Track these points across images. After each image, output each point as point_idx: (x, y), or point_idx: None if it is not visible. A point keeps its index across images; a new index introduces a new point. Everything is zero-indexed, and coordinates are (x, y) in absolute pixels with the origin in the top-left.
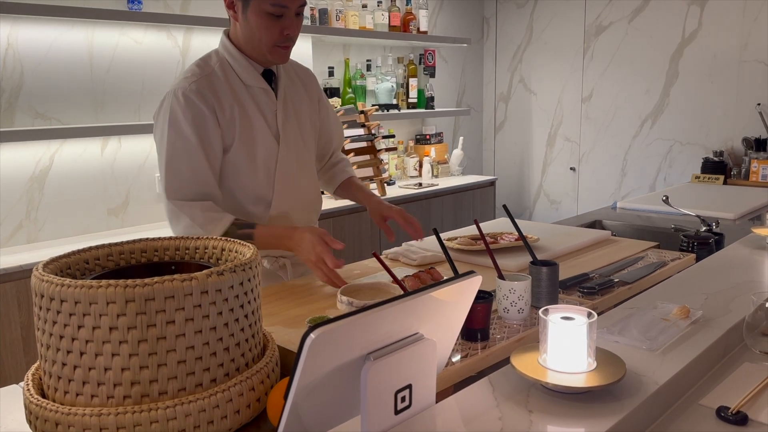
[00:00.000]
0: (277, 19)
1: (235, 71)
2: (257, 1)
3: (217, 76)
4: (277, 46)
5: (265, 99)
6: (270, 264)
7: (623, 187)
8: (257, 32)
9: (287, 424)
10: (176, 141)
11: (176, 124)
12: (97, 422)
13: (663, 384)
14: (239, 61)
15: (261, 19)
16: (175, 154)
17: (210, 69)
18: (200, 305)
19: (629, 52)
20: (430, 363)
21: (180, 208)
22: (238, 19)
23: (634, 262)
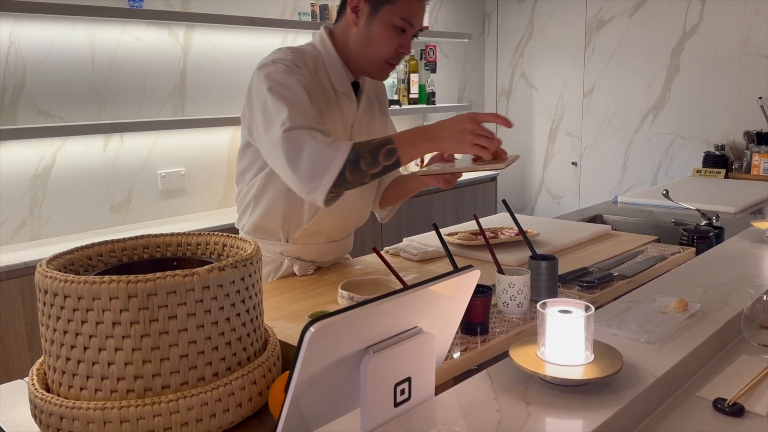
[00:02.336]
0: (399, 34)
1: (327, 72)
2: (388, 12)
3: (307, 68)
4: (388, 62)
5: (349, 107)
6: (300, 271)
7: (625, 181)
8: (376, 43)
9: (288, 417)
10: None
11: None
12: (101, 416)
13: (660, 376)
14: (335, 63)
15: (385, 31)
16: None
17: (302, 60)
18: (202, 300)
19: (630, 46)
20: (429, 356)
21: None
22: (357, 24)
23: (634, 256)
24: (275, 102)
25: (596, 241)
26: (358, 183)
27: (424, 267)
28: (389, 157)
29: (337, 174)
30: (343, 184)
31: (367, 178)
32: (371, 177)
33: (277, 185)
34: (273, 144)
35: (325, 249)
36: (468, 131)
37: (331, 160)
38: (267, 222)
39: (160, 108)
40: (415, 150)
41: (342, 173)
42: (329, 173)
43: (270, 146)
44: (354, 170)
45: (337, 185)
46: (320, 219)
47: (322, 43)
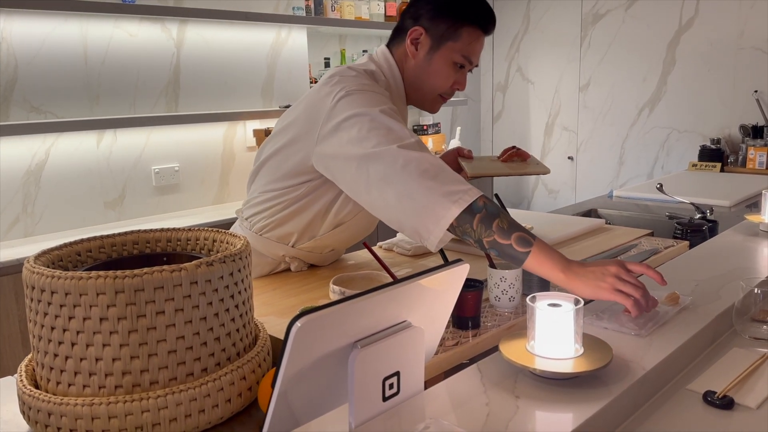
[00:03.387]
0: (458, 70)
1: (394, 101)
2: (450, 49)
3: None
4: (441, 96)
5: None
6: (296, 268)
7: (621, 175)
8: (433, 77)
9: (275, 411)
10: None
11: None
12: (89, 412)
13: (650, 369)
14: (401, 93)
15: (444, 67)
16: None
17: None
18: (190, 296)
19: (626, 40)
20: (418, 351)
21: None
22: (416, 57)
23: (627, 250)
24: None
25: (590, 235)
26: (476, 237)
27: (418, 261)
28: (522, 245)
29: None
30: (465, 226)
31: (488, 243)
32: (491, 244)
33: (313, 202)
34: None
35: (326, 257)
36: (611, 274)
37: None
38: (286, 228)
39: (153, 104)
40: (546, 263)
41: (473, 214)
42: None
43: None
44: (485, 221)
45: (460, 221)
46: (335, 233)
47: (390, 69)
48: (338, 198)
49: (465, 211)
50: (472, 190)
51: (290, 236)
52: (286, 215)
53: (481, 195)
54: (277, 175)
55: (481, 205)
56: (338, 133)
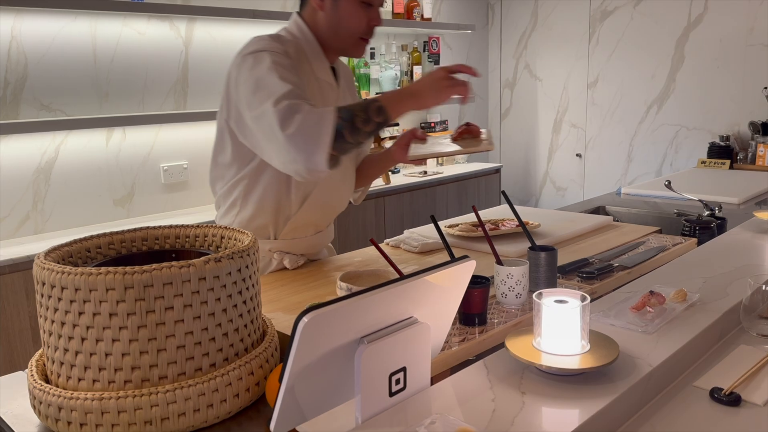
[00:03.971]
0: (367, 8)
1: (308, 60)
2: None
3: (290, 57)
4: (361, 38)
5: (331, 95)
6: (291, 264)
7: (629, 173)
8: (346, 21)
9: (283, 406)
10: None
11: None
12: (99, 406)
13: (657, 366)
14: (316, 50)
15: (353, 8)
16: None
17: (285, 48)
18: (198, 291)
19: (635, 37)
20: (425, 346)
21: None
22: (323, 7)
23: (635, 247)
24: (268, 80)
25: (597, 232)
26: (356, 143)
27: (425, 259)
28: (380, 114)
29: (332, 133)
30: (344, 145)
31: (363, 137)
32: (367, 135)
33: (267, 178)
34: (264, 117)
35: (313, 241)
36: (442, 78)
37: (325, 120)
38: (257, 219)
39: (162, 101)
40: (400, 106)
41: (340, 133)
42: (326, 133)
43: (260, 122)
44: (351, 129)
45: (337, 147)
46: (308, 208)
47: (299, 30)
48: None
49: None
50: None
51: (267, 227)
52: (253, 208)
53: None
54: (223, 169)
55: (340, 123)
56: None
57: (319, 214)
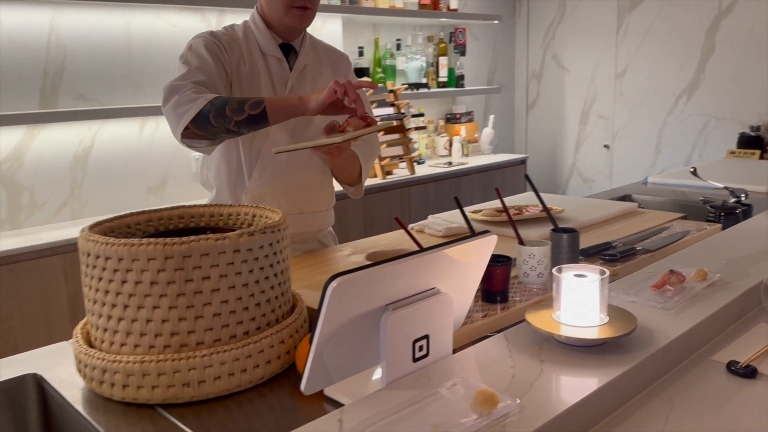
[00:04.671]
0: None
1: (256, 39)
2: None
3: (238, 40)
4: (293, 8)
5: (278, 69)
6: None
7: (658, 164)
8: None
9: (312, 368)
10: (190, 55)
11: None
12: (140, 369)
13: (674, 339)
14: (261, 29)
15: None
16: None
17: (233, 34)
18: (233, 263)
19: (664, 27)
20: (447, 316)
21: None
22: None
23: (659, 232)
24: (179, 65)
25: (622, 218)
26: (223, 128)
27: None
28: (255, 107)
29: (197, 112)
30: (208, 127)
31: (233, 125)
32: (237, 124)
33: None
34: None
35: (300, 220)
36: (331, 84)
37: (194, 101)
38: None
39: None
40: (283, 108)
41: (206, 115)
42: (190, 111)
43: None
44: (218, 114)
45: (200, 127)
46: (261, 184)
47: (251, 17)
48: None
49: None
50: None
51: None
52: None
53: (208, 100)
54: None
55: (209, 107)
56: None
57: (281, 194)
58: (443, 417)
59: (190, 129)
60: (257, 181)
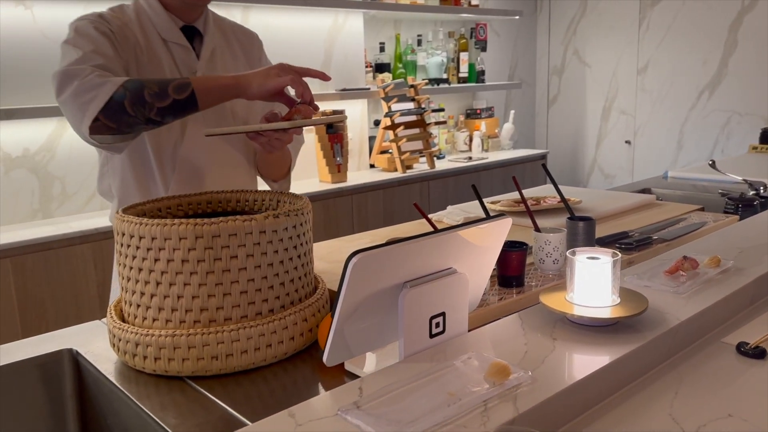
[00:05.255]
0: None
1: (152, 22)
2: None
3: (131, 24)
4: None
5: (184, 57)
6: None
7: (680, 159)
8: None
9: (333, 341)
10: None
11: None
12: (171, 342)
13: (685, 320)
14: (157, 11)
15: None
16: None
17: (124, 17)
18: (259, 243)
19: (686, 22)
20: (463, 295)
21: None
22: None
23: (676, 223)
24: (66, 50)
25: (639, 209)
26: (143, 118)
27: None
28: (180, 90)
29: (103, 102)
30: (123, 117)
31: (155, 113)
32: (160, 112)
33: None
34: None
35: None
36: (275, 68)
37: (101, 86)
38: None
39: None
40: (216, 90)
41: (119, 104)
42: (98, 99)
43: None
44: (135, 100)
45: (113, 117)
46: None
47: (146, 1)
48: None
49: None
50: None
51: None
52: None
53: (118, 84)
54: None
55: (121, 91)
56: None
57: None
58: (457, 386)
59: (100, 121)
60: (176, 189)
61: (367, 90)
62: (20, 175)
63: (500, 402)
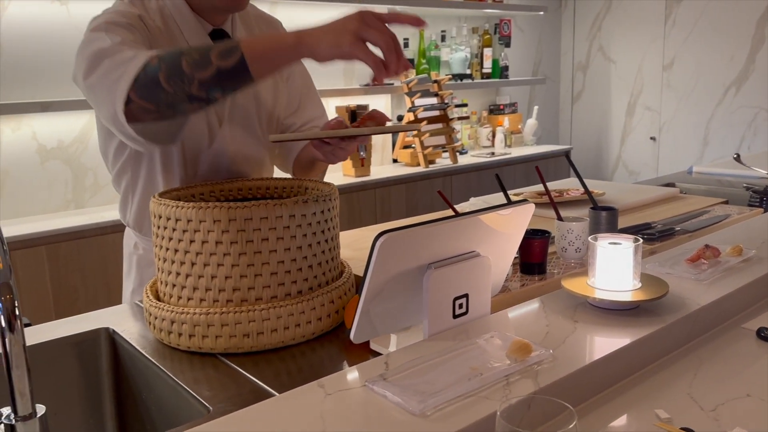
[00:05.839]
0: None
1: (179, 27)
2: None
3: (160, 30)
4: None
5: None
6: None
7: (705, 156)
8: None
9: (360, 320)
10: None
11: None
12: (205, 320)
13: (705, 305)
14: (184, 14)
15: None
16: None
17: (150, 20)
18: (288, 227)
19: (713, 17)
20: (486, 278)
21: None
22: None
23: (699, 215)
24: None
25: (663, 202)
26: (183, 93)
27: None
28: (226, 56)
29: (136, 72)
30: (160, 94)
31: (196, 87)
32: (202, 85)
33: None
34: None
35: None
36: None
37: (130, 63)
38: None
39: None
40: (267, 46)
41: (152, 76)
42: (127, 74)
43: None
44: (172, 72)
45: (147, 95)
46: None
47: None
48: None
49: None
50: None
51: None
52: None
53: (150, 56)
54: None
55: (155, 63)
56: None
57: None
58: (480, 361)
59: (134, 102)
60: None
61: (391, 85)
62: (55, 166)
63: (521, 377)
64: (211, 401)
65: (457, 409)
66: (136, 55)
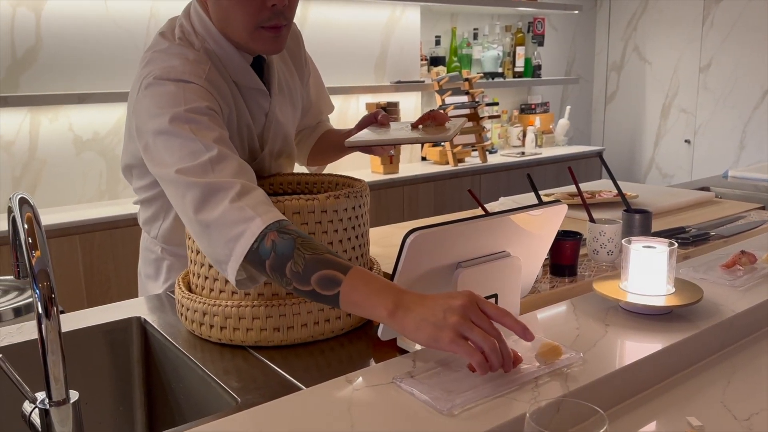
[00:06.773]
0: None
1: (222, 63)
2: None
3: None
4: (262, 28)
5: (259, 101)
6: None
7: (741, 160)
8: (231, 11)
9: None
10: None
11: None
12: (237, 312)
13: (740, 312)
14: (227, 50)
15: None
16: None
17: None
18: (320, 222)
19: (753, 19)
20: (516, 279)
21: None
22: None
23: (734, 221)
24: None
25: (697, 206)
26: (280, 283)
27: None
28: (326, 286)
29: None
30: (263, 273)
31: (291, 288)
32: (295, 290)
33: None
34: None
35: None
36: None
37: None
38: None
39: None
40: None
41: (261, 257)
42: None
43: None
44: (276, 267)
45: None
46: None
47: (204, 27)
48: None
49: (251, 260)
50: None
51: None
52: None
53: (270, 231)
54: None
55: (269, 246)
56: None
57: None
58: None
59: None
60: None
61: (422, 83)
62: (90, 157)
63: (551, 380)
64: (239, 393)
65: (485, 409)
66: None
